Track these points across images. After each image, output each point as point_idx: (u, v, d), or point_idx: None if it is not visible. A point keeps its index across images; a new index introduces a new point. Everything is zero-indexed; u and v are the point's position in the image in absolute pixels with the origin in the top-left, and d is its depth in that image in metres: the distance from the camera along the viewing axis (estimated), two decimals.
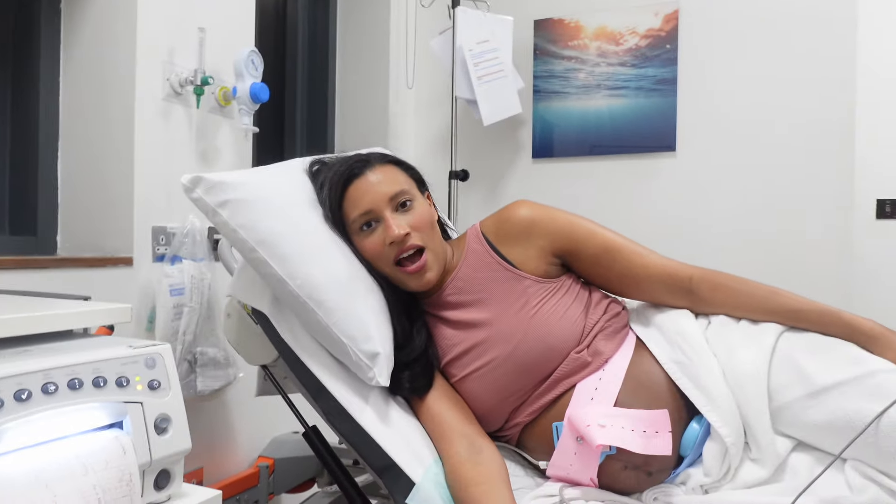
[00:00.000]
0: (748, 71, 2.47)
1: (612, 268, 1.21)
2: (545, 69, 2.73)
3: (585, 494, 1.07)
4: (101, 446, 0.76)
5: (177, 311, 1.58)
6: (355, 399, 1.13)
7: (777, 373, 1.07)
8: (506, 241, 1.22)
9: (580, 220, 1.23)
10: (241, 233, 1.13)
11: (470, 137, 2.76)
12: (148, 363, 0.85)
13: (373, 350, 1.10)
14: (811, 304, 1.12)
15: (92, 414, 0.78)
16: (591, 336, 1.17)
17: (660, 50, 2.57)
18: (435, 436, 1.13)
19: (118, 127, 1.58)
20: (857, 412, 0.96)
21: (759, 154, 2.45)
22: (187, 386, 1.60)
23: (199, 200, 1.15)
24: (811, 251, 2.38)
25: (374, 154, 1.25)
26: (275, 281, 1.13)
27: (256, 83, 1.72)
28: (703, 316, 1.21)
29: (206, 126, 1.75)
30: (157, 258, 1.62)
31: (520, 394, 1.17)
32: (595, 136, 2.67)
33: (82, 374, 0.78)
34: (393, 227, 1.14)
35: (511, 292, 1.19)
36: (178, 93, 1.65)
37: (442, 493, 1.05)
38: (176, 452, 0.85)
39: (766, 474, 1.03)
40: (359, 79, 2.81)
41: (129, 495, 0.76)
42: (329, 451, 1.34)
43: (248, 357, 1.33)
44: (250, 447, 1.94)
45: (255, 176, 1.24)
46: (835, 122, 2.36)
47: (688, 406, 1.11)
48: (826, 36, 2.37)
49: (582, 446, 1.06)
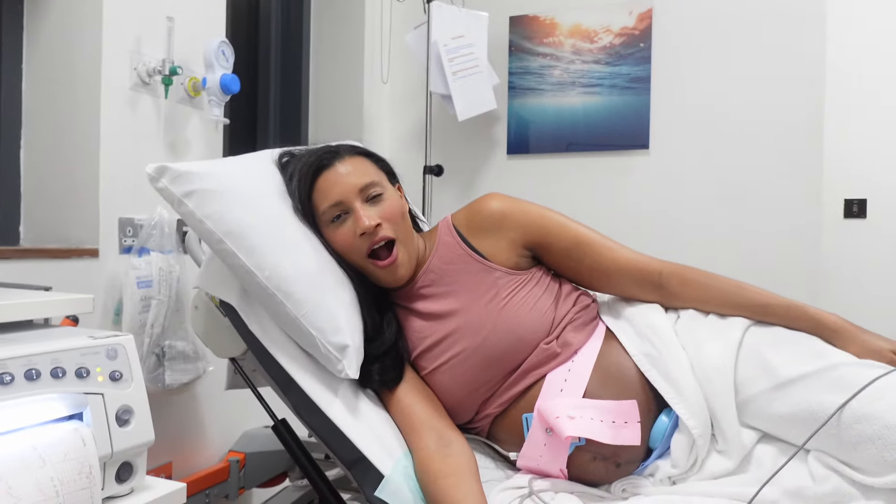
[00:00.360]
0: (720, 70, 2.50)
1: (583, 261, 1.21)
2: (520, 66, 2.74)
3: (554, 486, 1.07)
4: (60, 438, 0.75)
5: (144, 303, 1.55)
6: (324, 392, 1.13)
7: (743, 366, 1.09)
8: (477, 234, 1.22)
9: (551, 213, 1.24)
10: (208, 223, 1.12)
11: (445, 133, 2.76)
12: (109, 354, 0.84)
13: (342, 342, 1.10)
14: (778, 299, 1.14)
15: (50, 405, 0.77)
16: (560, 327, 1.18)
17: (633, 48, 2.59)
18: (404, 428, 1.12)
19: (84, 115, 1.55)
20: (820, 404, 0.98)
21: (730, 152, 2.49)
22: (155, 379, 1.57)
23: (164, 190, 1.13)
24: (780, 248, 2.42)
25: (344, 146, 1.24)
26: (243, 272, 1.12)
27: (227, 74, 1.69)
28: (672, 310, 1.22)
29: (174, 117, 1.73)
30: (124, 250, 1.59)
31: (489, 385, 1.17)
32: (570, 133, 2.68)
33: (40, 364, 0.76)
34: (363, 219, 1.13)
35: (481, 284, 1.19)
36: (145, 82, 1.62)
37: (411, 485, 1.04)
38: (138, 445, 0.84)
39: (732, 465, 1.05)
40: (333, 72, 2.79)
41: (88, 488, 0.74)
42: (299, 445, 1.32)
43: (217, 350, 1.32)
44: (221, 441, 1.92)
45: (222, 166, 1.22)
46: (804, 122, 2.40)
47: (657, 399, 1.12)
48: (796, 35, 2.40)
49: (551, 438, 1.07)
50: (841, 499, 0.93)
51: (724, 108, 2.49)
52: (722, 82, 2.49)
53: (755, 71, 2.45)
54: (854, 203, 2.59)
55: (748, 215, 2.47)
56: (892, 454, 0.89)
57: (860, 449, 0.92)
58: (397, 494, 1.02)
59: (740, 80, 2.47)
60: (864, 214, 2.57)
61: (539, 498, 1.02)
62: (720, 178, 2.50)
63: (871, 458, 0.91)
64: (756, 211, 2.46)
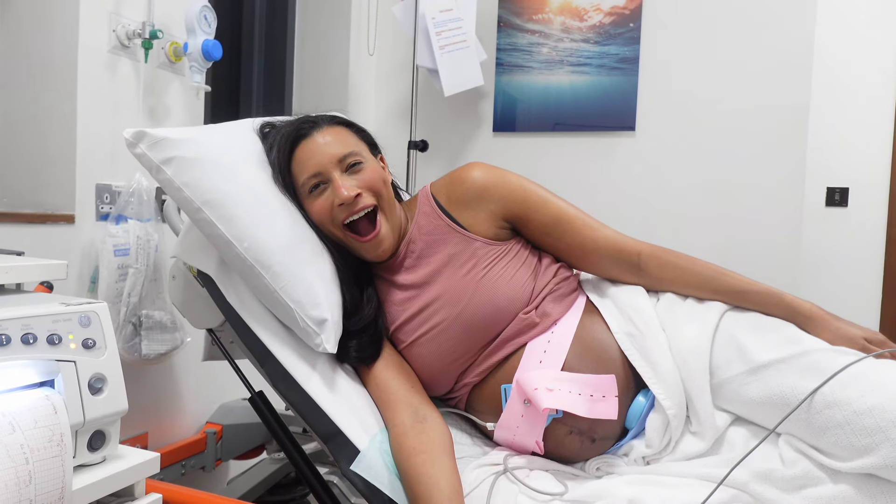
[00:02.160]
0: (709, 54, 2.49)
1: (562, 238, 1.21)
2: (509, 42, 2.71)
3: (529, 464, 1.08)
4: (31, 405, 0.73)
5: (121, 272, 1.53)
6: (302, 365, 1.12)
7: (719, 350, 1.10)
8: (457, 204, 1.21)
9: (533, 186, 1.23)
10: (186, 191, 1.10)
11: (430, 108, 2.73)
12: (83, 321, 0.82)
13: (320, 316, 1.09)
14: (755, 286, 1.15)
15: (20, 371, 0.75)
16: (539, 298, 1.18)
17: (623, 28, 2.57)
18: (380, 404, 1.12)
19: (60, 77, 1.51)
20: (792, 389, 0.99)
21: (715, 138, 2.49)
22: (132, 349, 1.56)
23: (142, 156, 1.11)
24: (762, 234, 2.44)
25: (324, 116, 1.22)
26: (221, 243, 1.10)
27: (209, 40, 1.66)
28: (652, 293, 1.23)
29: (154, 82, 1.69)
30: (101, 217, 1.56)
31: (468, 355, 1.17)
32: (556, 112, 2.66)
33: (10, 329, 0.75)
34: (341, 189, 1.12)
35: (461, 254, 1.18)
36: (125, 45, 1.58)
37: (387, 460, 1.05)
38: (111, 413, 0.83)
39: (704, 447, 1.06)
40: (318, 42, 2.74)
41: (59, 456, 0.73)
42: (275, 418, 1.32)
43: (194, 320, 1.30)
44: (198, 413, 1.91)
45: (202, 133, 1.20)
46: (790, 110, 2.40)
47: (636, 378, 1.13)
48: (785, 23, 2.40)
49: (529, 409, 1.07)
50: (809, 482, 0.94)
51: (711, 93, 2.49)
52: (709, 67, 2.49)
53: (743, 56, 2.44)
54: (836, 191, 2.61)
55: (731, 201, 2.48)
56: (860, 440, 0.91)
57: (830, 434, 0.94)
58: (373, 469, 1.03)
59: (728, 66, 2.46)
60: (845, 203, 2.60)
61: (513, 475, 1.03)
62: (704, 162, 2.51)
63: (840, 443, 0.93)
64: (739, 197, 2.47)
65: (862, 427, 0.91)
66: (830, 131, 2.56)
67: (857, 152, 2.58)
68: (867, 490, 0.91)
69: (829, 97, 2.53)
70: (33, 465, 0.70)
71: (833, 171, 2.60)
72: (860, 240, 2.59)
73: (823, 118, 2.52)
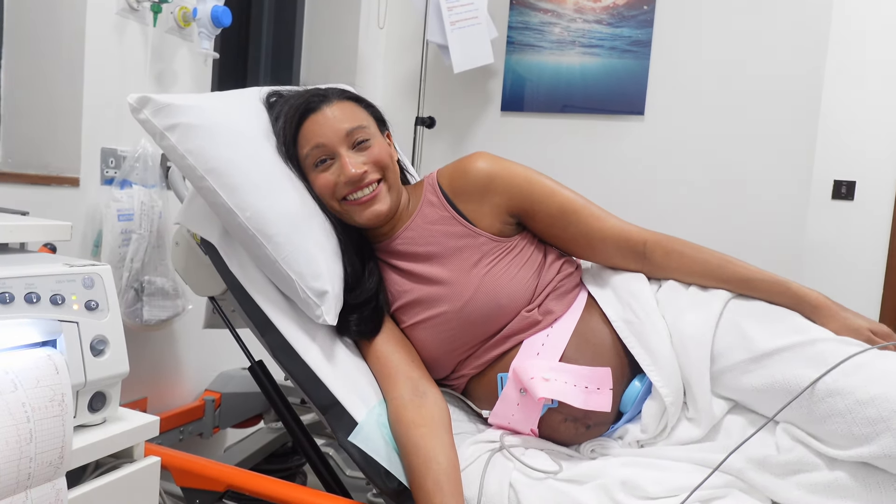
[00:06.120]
0: (721, 40, 2.46)
1: (567, 229, 1.20)
2: (520, 20, 2.68)
3: (525, 442, 1.09)
4: (33, 363, 0.73)
5: (125, 237, 1.53)
6: (302, 336, 1.12)
7: (722, 337, 1.09)
8: (462, 195, 1.19)
9: (538, 177, 1.20)
10: (190, 159, 1.09)
11: (439, 84, 2.71)
12: (86, 283, 0.82)
13: (321, 288, 1.09)
14: (762, 274, 1.14)
15: (23, 330, 0.75)
16: (542, 296, 1.17)
17: (637, 10, 2.54)
18: (380, 377, 1.13)
19: (68, 38, 1.49)
20: (795, 377, 0.99)
21: (724, 125, 2.47)
22: (133, 314, 1.56)
23: (146, 122, 1.10)
24: (768, 223, 2.43)
25: (334, 89, 1.20)
26: (224, 211, 1.10)
27: (218, 6, 1.64)
28: (655, 280, 1.22)
29: (162, 47, 1.67)
30: (105, 181, 1.56)
31: (467, 347, 1.17)
32: (566, 94, 2.64)
33: (14, 288, 0.75)
34: (349, 166, 1.11)
35: (465, 249, 1.18)
36: (134, 8, 1.57)
37: (384, 433, 1.05)
38: (112, 375, 0.83)
39: (700, 433, 1.06)
40: (328, 13, 2.71)
41: (60, 415, 0.73)
42: (274, 387, 1.33)
43: (196, 287, 1.31)
44: (197, 380, 1.92)
45: (207, 101, 1.19)
46: (801, 100, 2.38)
47: (632, 364, 1.13)
48: (800, 10, 2.36)
49: (525, 398, 1.07)
50: (804, 467, 0.95)
51: (722, 80, 2.46)
52: (722, 53, 2.46)
53: (756, 45, 2.42)
54: (843, 184, 2.59)
55: (737, 190, 2.47)
56: (860, 429, 0.91)
57: (829, 422, 0.94)
58: (370, 441, 1.03)
59: (741, 53, 2.43)
60: (851, 196, 2.58)
61: (509, 452, 1.04)
62: (713, 149, 2.49)
63: (839, 431, 0.93)
64: (747, 185, 2.46)
65: (864, 416, 0.91)
66: (841, 124, 2.53)
67: (867, 147, 2.55)
68: (862, 479, 0.91)
69: (842, 89, 2.51)
70: (34, 423, 0.70)
71: (841, 164, 2.58)
72: (865, 235, 2.57)
73: (834, 110, 2.50)
